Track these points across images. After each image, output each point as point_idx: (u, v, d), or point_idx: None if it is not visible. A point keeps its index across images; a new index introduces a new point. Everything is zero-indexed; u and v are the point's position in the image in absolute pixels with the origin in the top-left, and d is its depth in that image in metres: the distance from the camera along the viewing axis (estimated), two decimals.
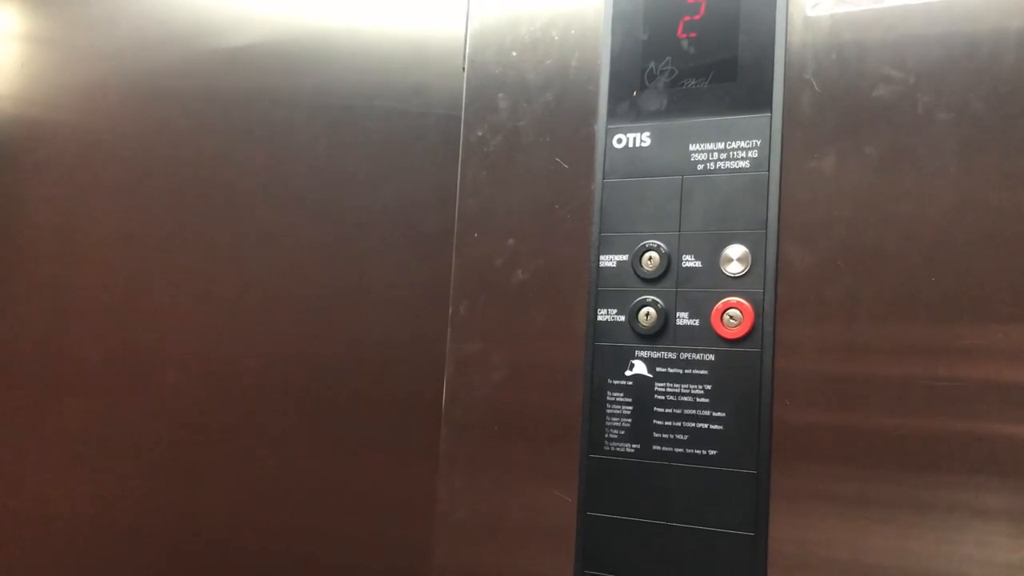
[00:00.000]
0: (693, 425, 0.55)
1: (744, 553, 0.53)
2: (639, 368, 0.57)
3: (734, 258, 0.55)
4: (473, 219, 0.64)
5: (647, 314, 0.57)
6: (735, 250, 0.55)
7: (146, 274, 0.89)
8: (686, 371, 0.56)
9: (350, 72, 0.82)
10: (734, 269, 0.55)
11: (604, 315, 0.59)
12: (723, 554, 0.54)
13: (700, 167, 0.57)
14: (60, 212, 0.95)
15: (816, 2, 0.55)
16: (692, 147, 0.57)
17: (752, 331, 0.54)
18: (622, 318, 0.58)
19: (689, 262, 0.57)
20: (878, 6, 0.53)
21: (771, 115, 0.55)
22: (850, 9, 0.54)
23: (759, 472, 0.53)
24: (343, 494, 0.79)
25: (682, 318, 0.57)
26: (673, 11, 0.59)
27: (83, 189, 0.94)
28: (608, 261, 0.59)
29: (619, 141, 0.60)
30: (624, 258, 0.58)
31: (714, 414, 0.55)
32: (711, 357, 0.55)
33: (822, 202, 0.54)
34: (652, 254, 0.58)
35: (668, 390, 0.56)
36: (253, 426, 0.83)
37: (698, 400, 0.56)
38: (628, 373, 0.58)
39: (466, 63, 0.65)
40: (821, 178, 0.54)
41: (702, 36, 0.58)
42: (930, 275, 0.51)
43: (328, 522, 0.79)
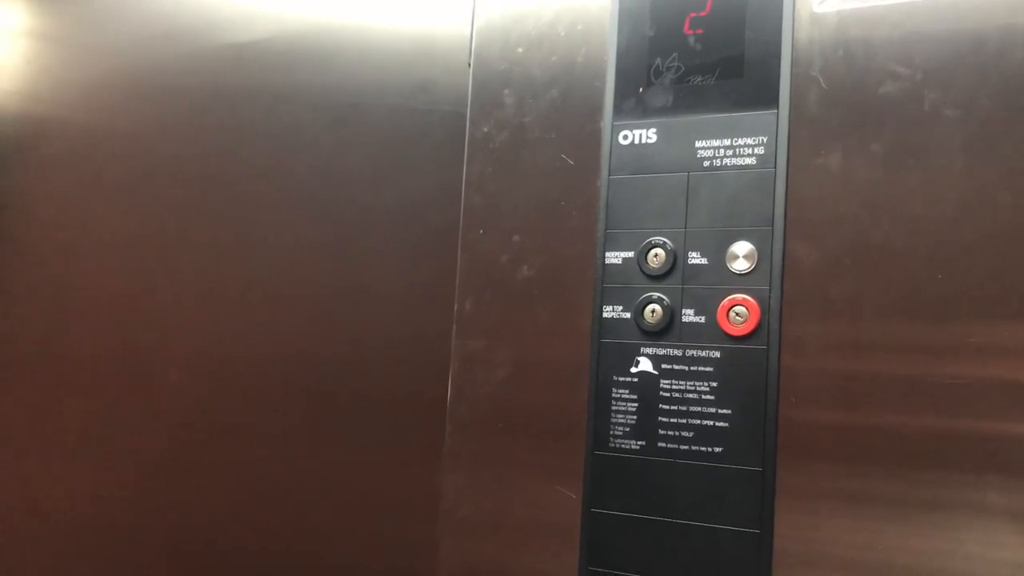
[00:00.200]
0: (698, 422, 0.55)
1: (749, 550, 0.53)
2: (644, 365, 0.57)
3: (740, 255, 0.55)
4: (478, 216, 0.64)
5: (653, 311, 0.57)
6: (741, 247, 0.55)
7: (149, 272, 0.89)
8: (692, 368, 0.56)
9: (355, 69, 0.81)
10: (740, 266, 0.55)
11: (610, 312, 0.59)
12: (728, 551, 0.54)
13: (706, 164, 0.57)
14: (64, 208, 0.95)
15: None
16: (698, 144, 0.57)
17: (758, 328, 0.54)
18: (628, 315, 0.58)
19: (695, 259, 0.57)
20: (885, 2, 0.53)
21: (778, 112, 0.55)
22: (857, 5, 0.54)
23: (764, 469, 0.53)
24: (345, 493, 0.79)
25: (688, 315, 0.56)
26: (679, 7, 0.59)
27: (87, 186, 0.94)
28: (614, 258, 0.59)
29: (625, 137, 0.59)
30: (630, 255, 0.58)
31: (720, 411, 0.55)
32: (717, 354, 0.55)
33: (828, 199, 0.53)
34: (658, 251, 0.57)
35: (674, 387, 0.56)
36: (255, 425, 0.83)
37: (704, 397, 0.55)
38: (633, 370, 0.58)
39: (472, 59, 0.65)
40: (828, 175, 0.54)
41: (708, 32, 0.58)
42: (936, 272, 0.51)
43: (330, 521, 0.79)
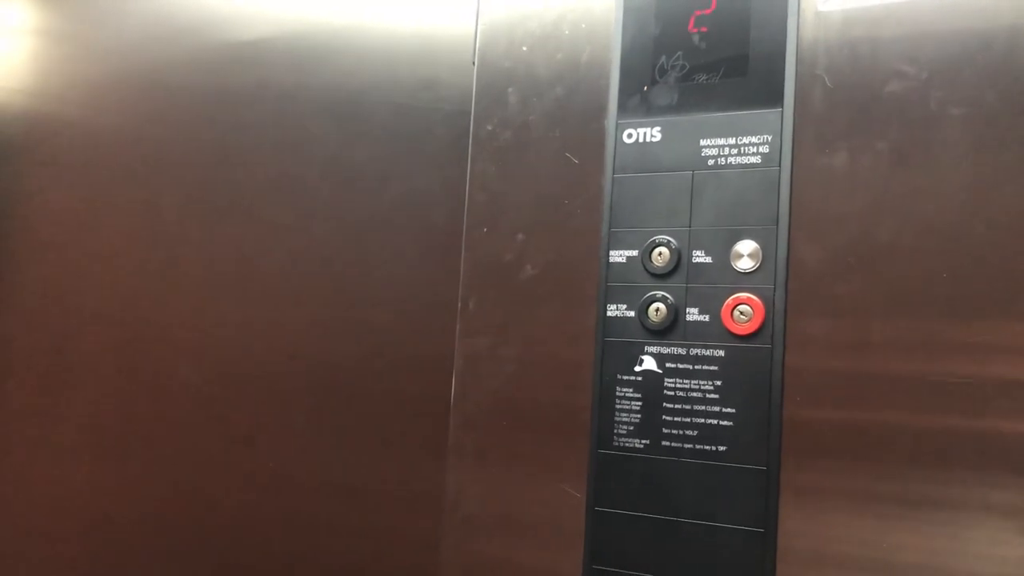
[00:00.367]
0: (703, 421, 0.55)
1: (754, 549, 0.53)
2: (649, 364, 0.57)
3: (745, 254, 0.55)
4: (482, 214, 0.64)
5: (657, 310, 0.57)
6: (746, 246, 0.55)
7: (154, 270, 0.89)
8: (696, 367, 0.56)
9: (359, 67, 0.81)
10: (745, 265, 0.55)
11: (614, 310, 0.59)
12: (732, 550, 0.54)
13: (711, 162, 0.57)
14: (70, 205, 0.95)
15: None
16: (703, 142, 0.57)
17: (762, 327, 0.54)
18: (632, 313, 0.58)
19: (699, 258, 0.57)
20: (890, 1, 0.53)
21: (782, 110, 0.55)
22: (862, 4, 0.54)
23: (769, 468, 0.53)
24: (349, 489, 0.79)
25: (692, 314, 0.56)
26: (684, 6, 0.58)
27: (92, 184, 0.94)
28: (618, 256, 0.59)
29: (629, 136, 0.59)
30: (634, 253, 0.58)
31: (724, 410, 0.55)
32: (721, 353, 0.55)
33: (833, 198, 0.53)
34: (662, 249, 0.57)
35: (678, 386, 0.56)
36: (261, 422, 0.83)
37: (708, 396, 0.55)
38: (638, 369, 0.58)
39: (476, 58, 0.65)
40: (832, 174, 0.54)
41: (713, 31, 0.58)
42: (942, 271, 0.50)
43: (334, 518, 0.79)
